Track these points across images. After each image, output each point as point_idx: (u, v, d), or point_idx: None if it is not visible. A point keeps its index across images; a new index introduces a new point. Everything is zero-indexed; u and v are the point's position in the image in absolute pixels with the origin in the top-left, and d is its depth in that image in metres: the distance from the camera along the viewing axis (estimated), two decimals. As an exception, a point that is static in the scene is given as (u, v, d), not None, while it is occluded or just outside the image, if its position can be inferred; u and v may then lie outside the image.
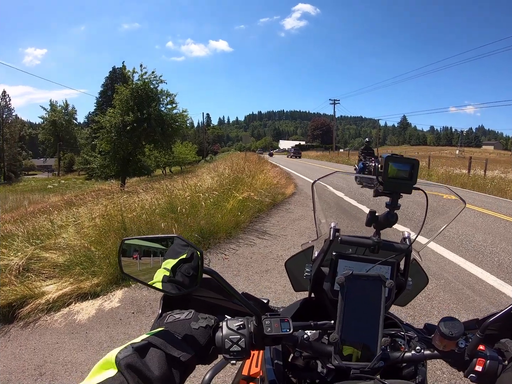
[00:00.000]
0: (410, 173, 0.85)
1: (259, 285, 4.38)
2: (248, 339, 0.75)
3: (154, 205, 5.99)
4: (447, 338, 0.74)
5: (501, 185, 14.01)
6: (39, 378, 2.86)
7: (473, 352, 0.75)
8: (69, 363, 3.02)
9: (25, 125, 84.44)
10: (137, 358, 0.60)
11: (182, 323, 0.74)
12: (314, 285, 1.00)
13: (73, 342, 3.34)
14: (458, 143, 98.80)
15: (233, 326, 0.76)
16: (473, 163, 19.29)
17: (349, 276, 0.79)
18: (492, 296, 4.02)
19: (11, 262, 4.37)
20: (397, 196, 0.88)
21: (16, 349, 3.27)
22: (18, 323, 3.69)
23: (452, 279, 4.49)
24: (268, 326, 0.77)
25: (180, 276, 0.77)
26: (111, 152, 24.02)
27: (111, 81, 58.59)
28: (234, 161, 14.73)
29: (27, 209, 11.38)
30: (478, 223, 7.63)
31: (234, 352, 0.74)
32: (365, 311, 0.79)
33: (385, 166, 0.84)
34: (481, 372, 0.73)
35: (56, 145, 62.69)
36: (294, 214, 8.16)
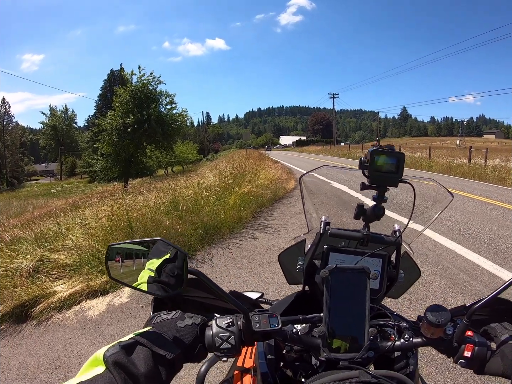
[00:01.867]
0: (396, 166, 0.85)
1: (262, 276, 4.52)
2: (237, 336, 0.77)
3: (159, 204, 6.10)
4: (434, 326, 0.76)
5: (501, 174, 14.02)
6: (54, 371, 2.98)
7: (461, 338, 0.77)
8: (82, 356, 3.15)
9: (25, 131, 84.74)
10: (124, 356, 0.62)
11: (169, 322, 0.76)
12: (307, 278, 1.02)
13: (86, 336, 3.47)
14: (459, 133, 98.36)
15: (222, 324, 0.78)
16: (474, 152, 19.28)
17: (333, 269, 0.80)
18: (488, 280, 4.11)
19: (21, 265, 4.47)
20: (383, 190, 0.89)
21: (31, 346, 3.39)
22: (31, 322, 3.82)
23: (449, 265, 4.60)
24: (257, 322, 0.78)
25: (165, 277, 0.79)
26: (113, 154, 24.08)
27: (109, 84, 58.69)
28: (235, 158, 14.82)
29: (33, 214, 11.48)
30: (476, 211, 7.71)
31: (224, 350, 0.76)
32: (351, 303, 0.80)
33: (370, 160, 0.85)
34: (470, 357, 0.76)
35: (58, 150, 62.76)
36: (295, 208, 8.24)
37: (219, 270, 4.81)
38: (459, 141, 63.20)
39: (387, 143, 6.10)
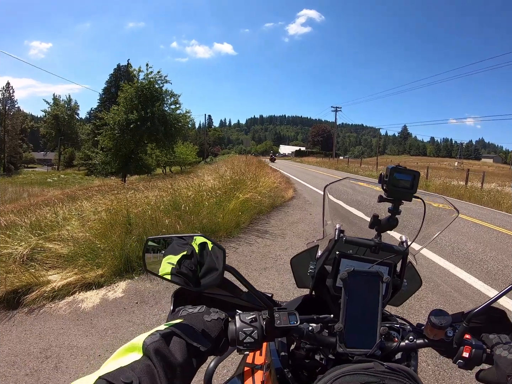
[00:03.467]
0: (411, 183, 0.93)
1: (258, 281, 4.52)
2: (260, 331, 0.80)
3: (159, 202, 6.10)
4: (436, 328, 0.81)
5: (497, 198, 14.17)
6: (44, 360, 2.93)
7: (460, 340, 0.82)
8: (74, 347, 3.10)
9: (27, 118, 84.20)
10: (164, 344, 0.63)
11: (196, 315, 0.77)
12: (316, 282, 1.06)
13: (78, 328, 3.42)
14: (457, 155, 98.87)
15: (246, 319, 0.81)
16: (471, 175, 19.50)
17: (351, 272, 0.86)
18: (478, 300, 4.19)
19: (15, 251, 4.43)
20: (398, 203, 0.96)
21: (21, 334, 3.34)
22: (22, 309, 3.76)
23: (441, 282, 4.68)
24: (278, 319, 0.82)
25: (185, 270, 0.81)
26: (113, 149, 24.09)
27: (115, 79, 58.58)
28: (235, 163, 14.82)
29: (29, 201, 11.41)
30: (470, 233, 7.80)
31: (247, 344, 0.78)
32: (365, 303, 0.85)
33: (390, 176, 0.92)
34: (468, 358, 0.81)
35: (57, 139, 62.61)
36: (293, 217, 8.30)
37: (215, 273, 4.76)
38: (457, 163, 63.55)
39: (385, 159, 6.05)
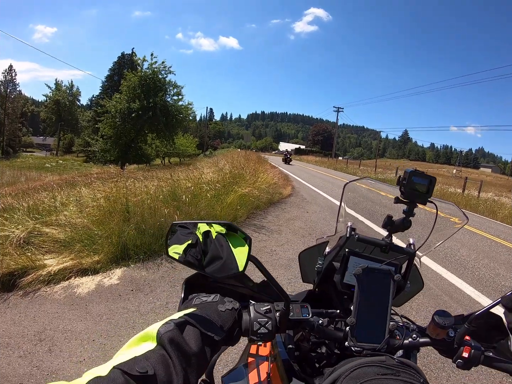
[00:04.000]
0: (427, 187, 0.96)
1: (252, 275, 4.45)
2: (274, 322, 0.81)
3: (158, 192, 6.12)
4: (440, 327, 0.83)
5: (493, 207, 14.24)
6: (38, 343, 2.96)
7: (461, 340, 0.85)
8: (68, 331, 3.13)
9: (28, 102, 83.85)
10: (178, 334, 0.63)
11: (210, 305, 0.77)
12: (323, 277, 1.07)
13: (73, 312, 3.45)
14: (456, 163, 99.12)
15: (261, 310, 0.82)
16: (469, 183, 19.53)
17: (365, 268, 0.87)
18: (468, 304, 4.29)
19: (12, 234, 4.44)
20: (413, 205, 0.99)
21: (16, 316, 3.35)
22: (17, 292, 3.78)
23: (433, 286, 4.75)
24: (291, 311, 0.85)
25: (191, 259, 0.81)
26: (113, 137, 24.16)
27: (118, 67, 58.23)
28: (234, 158, 14.81)
29: (28, 185, 11.41)
30: (464, 240, 7.86)
31: (261, 334, 0.79)
32: (376, 300, 0.87)
33: (408, 178, 0.95)
34: (467, 358, 0.83)
35: (57, 125, 62.41)
36: (290, 214, 8.34)
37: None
38: (456, 171, 63.75)
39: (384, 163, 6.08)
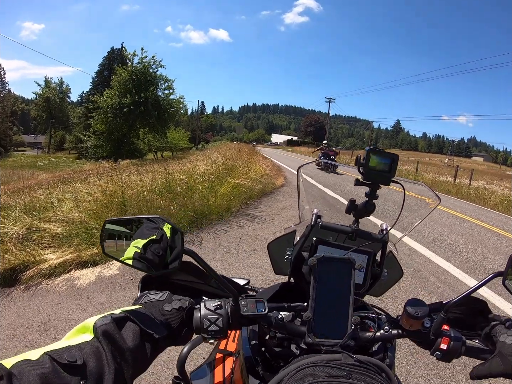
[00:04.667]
0: (390, 166, 0.90)
1: (247, 261, 4.75)
2: (225, 319, 0.78)
3: (153, 185, 6.26)
4: (413, 318, 0.78)
5: (483, 195, 14.47)
6: (43, 333, 3.08)
7: (438, 331, 0.80)
8: (72, 320, 3.25)
9: (17, 100, 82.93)
10: (114, 328, 0.63)
11: (156, 304, 0.76)
12: (293, 268, 1.03)
13: (75, 303, 3.58)
14: (448, 152, 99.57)
15: (211, 306, 0.79)
16: (460, 172, 19.79)
17: (320, 258, 0.82)
18: (455, 286, 4.48)
19: (10, 231, 4.54)
20: (376, 187, 0.93)
21: (20, 309, 3.47)
22: (19, 286, 3.89)
23: (421, 268, 4.93)
24: (245, 306, 0.80)
25: (150, 255, 0.79)
26: (106, 132, 24.16)
27: (108, 62, 57.75)
28: (227, 150, 14.92)
29: (24, 183, 11.45)
30: (453, 226, 8.07)
31: (212, 332, 0.76)
32: (336, 292, 0.82)
33: (366, 158, 0.89)
34: (445, 350, 0.79)
35: (48, 122, 61.71)
36: (282, 203, 8.51)
37: (207, 252, 5.01)
38: (448, 160, 64.08)
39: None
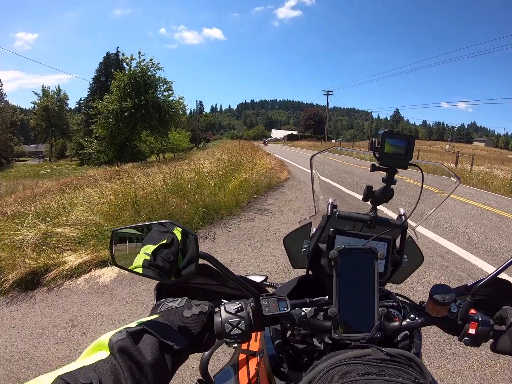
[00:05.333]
0: (406, 149, 0.85)
1: (261, 250, 4.91)
2: (247, 321, 0.75)
3: (165, 184, 6.42)
4: (439, 304, 0.76)
5: (485, 179, 14.51)
6: (72, 329, 3.21)
7: (465, 316, 0.78)
8: (98, 316, 3.40)
9: (16, 111, 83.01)
10: (130, 343, 0.61)
11: (175, 311, 0.73)
12: (311, 261, 1.00)
13: (100, 299, 3.72)
14: (449, 138, 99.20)
15: (231, 309, 0.76)
16: (461, 158, 19.86)
17: (342, 250, 0.79)
18: (459, 263, 4.66)
19: (26, 237, 4.65)
20: (393, 171, 0.89)
21: (45, 309, 3.60)
22: (42, 288, 4.01)
23: (426, 249, 5.07)
24: (266, 306, 0.77)
25: (160, 261, 0.77)
26: (108, 137, 24.34)
27: (105, 67, 57.92)
28: (229, 148, 15.07)
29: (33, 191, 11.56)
30: (456, 209, 8.20)
31: (235, 336, 0.74)
32: (360, 284, 0.80)
33: (381, 142, 0.85)
34: (474, 335, 0.77)
35: (48, 131, 61.76)
36: (288, 196, 8.74)
37: (221, 245, 5.18)
38: (449, 146, 63.79)
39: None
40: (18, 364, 2.79)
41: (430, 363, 2.70)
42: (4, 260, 4.18)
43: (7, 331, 3.25)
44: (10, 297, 3.90)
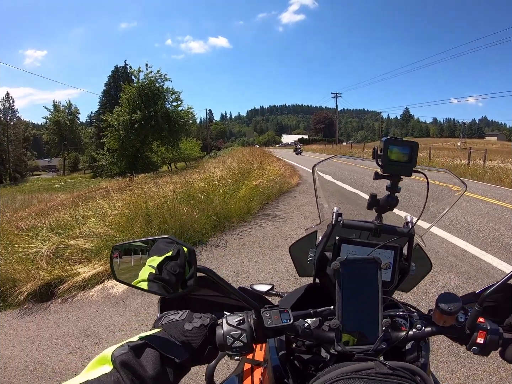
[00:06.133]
0: (409, 155, 0.85)
1: (272, 257, 4.89)
2: (249, 333, 0.75)
3: (175, 194, 6.48)
4: (446, 314, 0.75)
5: (499, 174, 14.25)
6: (85, 339, 3.25)
7: (473, 325, 0.76)
8: (111, 326, 3.44)
9: (28, 126, 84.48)
10: (132, 357, 0.61)
11: (176, 324, 0.74)
12: (318, 270, 1.01)
13: (112, 309, 3.75)
14: (460, 135, 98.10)
15: (233, 322, 0.76)
16: (474, 153, 19.53)
17: (344, 261, 0.78)
18: (473, 262, 4.56)
19: (41, 250, 4.73)
20: (397, 179, 0.88)
21: (59, 320, 3.66)
22: (56, 300, 4.08)
23: (439, 249, 5.01)
24: (268, 318, 0.76)
25: (166, 274, 0.76)
26: (119, 149, 24.65)
27: (114, 80, 59.11)
28: (240, 155, 15.16)
29: (46, 205, 11.75)
30: (469, 207, 8.03)
31: (236, 348, 0.74)
32: (363, 295, 0.78)
33: (384, 149, 0.84)
34: (483, 344, 0.75)
35: (61, 145, 62.61)
36: (300, 201, 8.69)
37: (233, 252, 5.19)
38: (460, 143, 63.13)
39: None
40: (32, 374, 2.86)
41: (444, 368, 2.65)
42: (19, 273, 4.25)
43: (22, 342, 3.32)
44: (25, 308, 3.98)
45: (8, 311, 3.97)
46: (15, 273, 4.27)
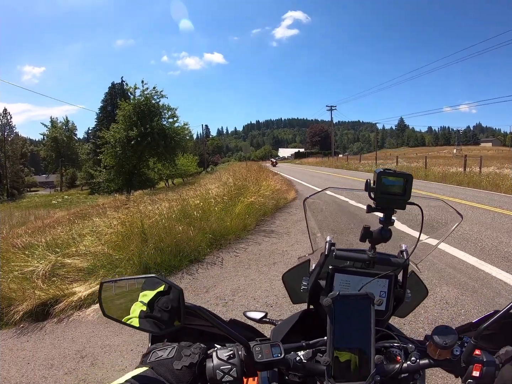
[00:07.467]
0: (403, 188, 0.83)
1: (268, 274, 4.87)
2: (239, 367, 0.75)
3: (171, 212, 6.47)
4: (440, 348, 0.74)
5: (495, 181, 14.30)
6: (81, 360, 3.22)
7: (469, 358, 0.75)
8: (107, 346, 3.41)
9: (26, 142, 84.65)
10: None
11: (165, 363, 0.72)
12: (312, 298, 1.01)
13: (108, 330, 3.72)
14: (456, 142, 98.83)
15: (223, 356, 0.76)
16: (470, 160, 19.67)
17: (336, 297, 0.76)
18: (472, 273, 4.54)
19: (37, 269, 4.71)
20: (390, 212, 0.86)
21: (54, 340, 3.63)
22: (51, 319, 4.05)
23: (437, 261, 4.96)
24: (259, 352, 0.76)
25: (157, 311, 0.75)
26: (116, 166, 24.65)
27: (110, 97, 59.19)
28: (236, 170, 15.18)
29: (43, 222, 11.74)
30: (467, 216, 7.93)
31: (226, 382, 0.73)
32: (355, 330, 0.77)
33: (377, 182, 0.83)
34: (478, 377, 0.74)
35: (58, 161, 62.68)
36: (296, 216, 8.65)
37: (229, 270, 5.15)
38: (456, 150, 63.60)
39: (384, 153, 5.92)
40: (27, 395, 2.80)
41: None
42: (14, 292, 4.24)
43: (18, 362, 3.29)
44: (21, 328, 3.95)
45: (4, 331, 3.94)
46: (11, 292, 4.25)
